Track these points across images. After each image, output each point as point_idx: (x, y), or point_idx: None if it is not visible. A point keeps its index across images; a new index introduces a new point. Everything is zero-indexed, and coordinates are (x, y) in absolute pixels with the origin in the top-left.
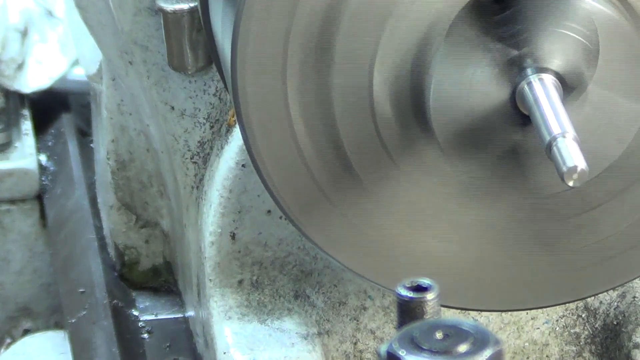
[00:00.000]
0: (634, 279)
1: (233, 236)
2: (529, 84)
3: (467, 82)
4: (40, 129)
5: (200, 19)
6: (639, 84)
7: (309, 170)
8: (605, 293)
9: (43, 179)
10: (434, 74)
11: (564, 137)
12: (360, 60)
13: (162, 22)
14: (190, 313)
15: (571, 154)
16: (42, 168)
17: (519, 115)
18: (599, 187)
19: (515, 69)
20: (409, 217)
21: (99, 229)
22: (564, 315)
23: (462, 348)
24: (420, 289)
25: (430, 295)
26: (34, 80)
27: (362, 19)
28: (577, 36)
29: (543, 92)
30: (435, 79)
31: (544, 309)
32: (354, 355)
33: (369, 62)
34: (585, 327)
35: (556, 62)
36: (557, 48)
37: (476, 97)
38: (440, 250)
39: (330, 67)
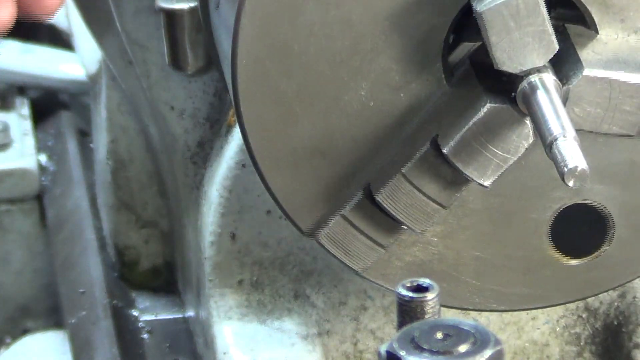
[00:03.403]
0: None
1: (233, 236)
2: (529, 84)
3: (485, 144)
4: (40, 129)
5: (200, 19)
6: None
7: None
8: (605, 293)
9: (43, 179)
10: (447, 155)
11: (564, 137)
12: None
13: (162, 22)
14: (190, 313)
15: (571, 154)
16: (42, 168)
17: (520, 115)
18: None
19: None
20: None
21: (99, 229)
22: (564, 316)
23: (462, 348)
24: (420, 289)
25: (430, 295)
26: None
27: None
28: (513, 34)
29: (543, 92)
30: (450, 155)
31: (544, 309)
32: (354, 356)
33: (414, 188)
34: (586, 327)
35: (523, 63)
36: (506, 56)
37: (498, 140)
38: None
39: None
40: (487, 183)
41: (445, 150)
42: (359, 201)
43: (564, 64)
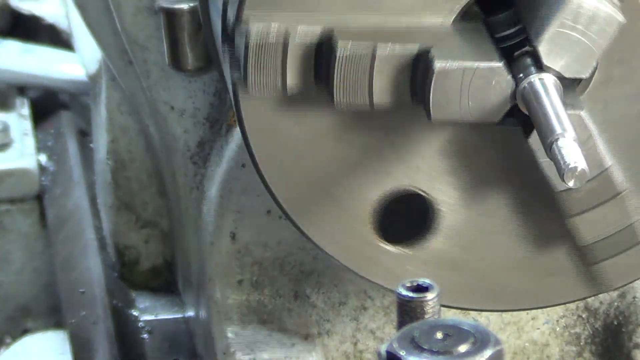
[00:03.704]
0: (634, 280)
1: (233, 236)
2: (530, 83)
3: (468, 82)
4: (40, 129)
5: (200, 19)
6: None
7: (308, 169)
8: (605, 293)
9: (43, 179)
10: (435, 70)
11: (564, 137)
12: (362, 50)
13: (162, 21)
14: (190, 313)
15: (571, 154)
16: (42, 168)
17: (519, 114)
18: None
19: (515, 69)
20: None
21: (99, 229)
22: (564, 316)
23: (462, 348)
24: (420, 289)
25: (430, 295)
26: None
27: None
28: (571, 33)
29: (543, 92)
30: (436, 74)
31: (544, 309)
32: (354, 356)
33: (370, 55)
34: (586, 327)
35: (557, 62)
36: (552, 46)
37: (476, 96)
38: (438, 248)
39: (331, 65)
40: (435, 120)
41: (436, 66)
42: (311, 42)
43: (564, 92)
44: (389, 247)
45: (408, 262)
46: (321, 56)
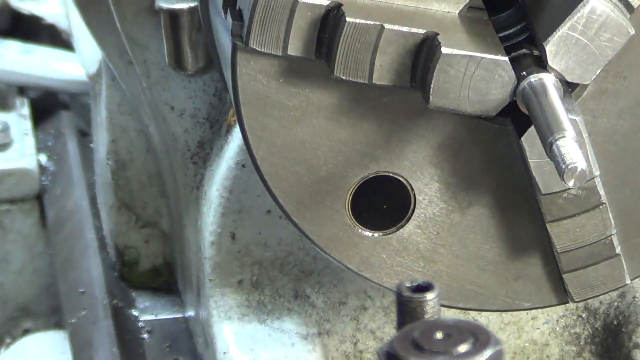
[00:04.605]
0: (602, 293)
1: (233, 236)
2: (530, 83)
3: (472, 71)
4: (40, 129)
5: (200, 19)
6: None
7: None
8: (603, 295)
9: (43, 179)
10: (441, 55)
11: (564, 137)
12: (363, 47)
13: (162, 22)
14: (190, 313)
15: (571, 154)
16: (42, 168)
17: (513, 113)
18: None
19: (516, 68)
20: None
21: (99, 229)
22: (564, 316)
23: (462, 348)
24: (420, 289)
25: (430, 295)
26: None
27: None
28: (580, 37)
29: (544, 92)
30: (442, 59)
31: (544, 309)
32: (354, 355)
33: (377, 32)
34: (586, 327)
35: (561, 64)
36: (559, 48)
37: (477, 88)
38: (413, 239)
39: (336, 35)
40: (432, 104)
41: (442, 51)
42: (319, 9)
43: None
44: (367, 232)
45: (383, 250)
46: (325, 31)
